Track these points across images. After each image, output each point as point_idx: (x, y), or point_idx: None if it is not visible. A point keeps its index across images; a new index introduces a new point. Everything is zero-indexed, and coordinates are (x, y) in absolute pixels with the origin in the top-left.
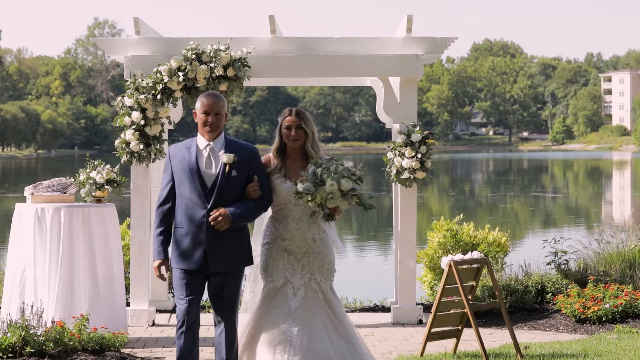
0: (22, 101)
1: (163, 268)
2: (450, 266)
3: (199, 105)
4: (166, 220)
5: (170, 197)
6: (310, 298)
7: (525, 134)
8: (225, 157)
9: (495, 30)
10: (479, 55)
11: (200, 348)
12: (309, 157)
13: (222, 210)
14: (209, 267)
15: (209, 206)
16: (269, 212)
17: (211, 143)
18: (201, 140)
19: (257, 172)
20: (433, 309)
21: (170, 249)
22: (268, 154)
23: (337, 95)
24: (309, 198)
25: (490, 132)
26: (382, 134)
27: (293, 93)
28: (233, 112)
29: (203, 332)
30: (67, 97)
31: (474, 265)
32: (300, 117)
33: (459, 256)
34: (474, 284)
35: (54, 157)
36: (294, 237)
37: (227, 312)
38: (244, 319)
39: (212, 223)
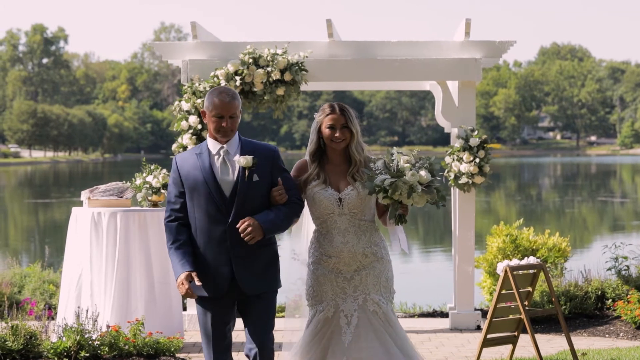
0: (89, 105)
1: (194, 279)
2: (506, 272)
3: (209, 105)
4: (182, 232)
5: (182, 212)
6: (365, 324)
7: (593, 138)
8: (243, 160)
9: (563, 34)
10: (546, 59)
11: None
12: (352, 160)
13: (250, 219)
14: (237, 290)
15: (230, 219)
16: (312, 225)
17: (225, 146)
18: (212, 144)
19: (281, 174)
20: (489, 315)
21: None
22: (304, 159)
23: (404, 99)
24: (385, 194)
25: (558, 137)
26: (448, 138)
27: (359, 97)
28: (299, 117)
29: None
30: (134, 102)
31: (530, 271)
32: (345, 114)
33: (514, 261)
34: (531, 289)
35: (120, 161)
36: (341, 253)
37: (260, 336)
38: (294, 324)
39: (241, 235)
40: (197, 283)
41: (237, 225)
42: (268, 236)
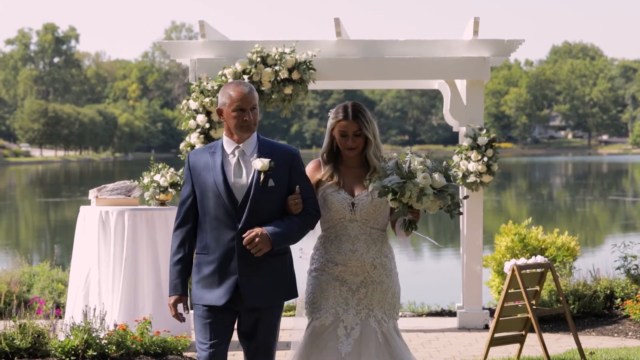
0: (99, 104)
1: (180, 306)
2: (513, 271)
3: (227, 100)
4: (186, 244)
5: (191, 215)
6: (367, 340)
7: (604, 137)
8: (259, 163)
9: (575, 33)
10: (558, 58)
11: None
12: (370, 167)
13: (258, 230)
14: (241, 301)
15: (239, 226)
16: (318, 230)
17: (240, 145)
18: (228, 143)
19: (299, 181)
20: (496, 314)
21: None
22: (317, 159)
23: (414, 98)
24: (394, 195)
25: (569, 136)
26: (458, 137)
27: (370, 96)
28: (309, 116)
29: None
30: (144, 101)
31: (538, 270)
32: (359, 120)
33: (522, 260)
34: (538, 288)
35: (131, 160)
36: (348, 261)
37: (261, 358)
38: (303, 323)
39: (247, 247)
40: (184, 313)
41: (244, 235)
42: (277, 248)
